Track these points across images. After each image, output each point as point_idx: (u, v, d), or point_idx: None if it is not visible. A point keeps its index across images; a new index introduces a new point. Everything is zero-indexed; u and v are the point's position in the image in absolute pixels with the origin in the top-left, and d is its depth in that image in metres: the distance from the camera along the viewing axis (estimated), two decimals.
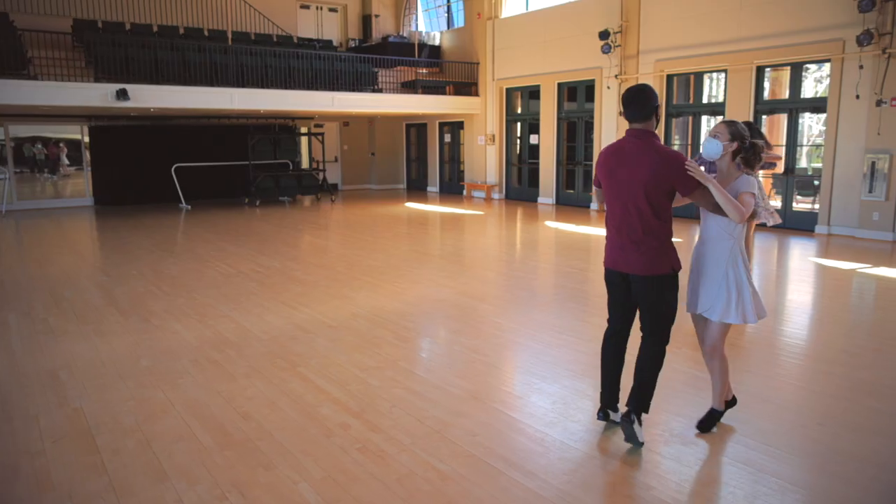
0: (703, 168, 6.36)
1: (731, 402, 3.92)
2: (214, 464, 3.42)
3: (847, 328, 5.94)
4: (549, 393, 4.33)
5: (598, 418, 3.85)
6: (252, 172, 16.37)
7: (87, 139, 16.37)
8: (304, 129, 18.80)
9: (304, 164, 19.64)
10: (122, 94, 12.46)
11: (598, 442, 3.65)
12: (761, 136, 7.25)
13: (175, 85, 13.54)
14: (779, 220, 6.96)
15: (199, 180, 16.65)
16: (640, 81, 13.62)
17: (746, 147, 3.58)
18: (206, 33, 16.50)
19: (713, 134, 3.59)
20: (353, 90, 16.30)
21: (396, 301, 6.78)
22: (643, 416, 3.64)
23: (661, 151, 3.47)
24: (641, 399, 3.63)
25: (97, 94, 12.46)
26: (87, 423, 3.91)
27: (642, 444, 3.56)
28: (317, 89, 15.57)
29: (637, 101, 3.48)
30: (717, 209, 3.46)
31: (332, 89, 15.83)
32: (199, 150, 16.87)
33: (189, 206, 15.82)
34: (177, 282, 7.76)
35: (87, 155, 16.47)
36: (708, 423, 3.77)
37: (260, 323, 6.01)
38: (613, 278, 3.68)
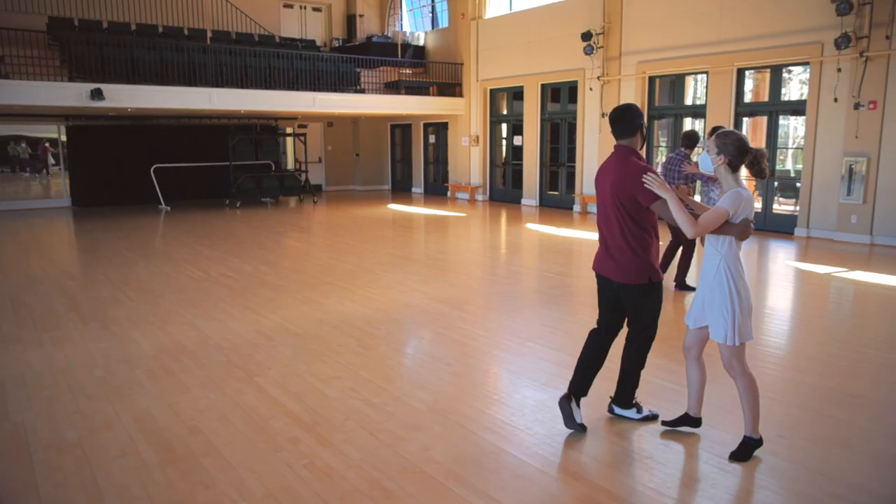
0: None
1: (696, 422, 3.82)
2: (154, 482, 3.30)
3: (819, 335, 5.87)
4: (508, 405, 4.23)
5: (560, 402, 3.81)
6: (233, 173, 16.19)
7: (64, 138, 16.14)
8: (287, 130, 18.64)
9: (290, 164, 19.49)
10: (96, 94, 12.27)
11: (553, 457, 3.54)
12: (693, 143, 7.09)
13: (152, 85, 13.36)
14: None
15: (179, 181, 16.48)
16: (622, 83, 13.62)
17: (738, 157, 3.38)
18: (185, 32, 16.30)
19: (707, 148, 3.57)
20: (336, 90, 16.16)
21: (366, 307, 6.67)
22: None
23: (627, 163, 3.62)
24: (624, 395, 3.93)
25: (71, 94, 12.27)
26: (26, 438, 3.76)
27: (649, 417, 3.92)
28: (298, 89, 15.42)
29: (622, 119, 3.66)
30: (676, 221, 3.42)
31: (314, 90, 15.68)
32: (179, 151, 16.68)
33: (168, 208, 15.64)
34: (144, 287, 7.61)
35: (64, 155, 16.25)
36: (740, 454, 3.47)
37: (222, 330, 5.88)
38: (601, 281, 3.89)
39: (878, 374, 4.74)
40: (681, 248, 7.13)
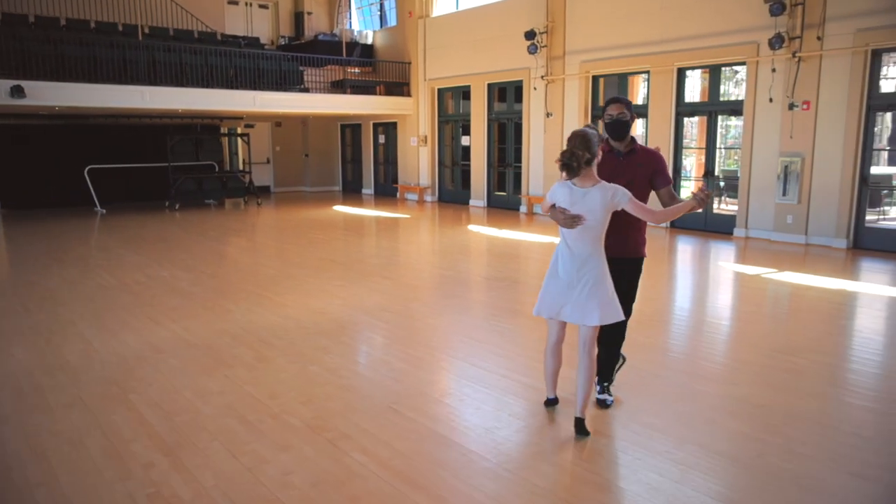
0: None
1: (552, 401, 4.08)
2: None
3: (733, 339, 5.76)
4: (393, 422, 3.96)
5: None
6: (172, 175, 15.65)
7: None
8: (226, 130, 18.14)
9: (241, 165, 18.98)
10: (17, 91, 11.70)
11: (422, 479, 3.29)
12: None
13: (79, 82, 12.80)
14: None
15: (119, 183, 15.94)
16: (566, 82, 13.50)
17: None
18: (120, 28, 15.71)
19: None
20: (279, 89, 15.74)
21: (276, 315, 6.35)
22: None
23: None
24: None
25: None
26: None
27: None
28: (239, 88, 14.97)
29: None
30: None
31: (256, 88, 15.25)
32: (119, 151, 16.09)
33: (104, 211, 15.06)
34: (47, 295, 7.17)
35: None
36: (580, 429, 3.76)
37: (113, 342, 5.51)
38: None
39: (785, 381, 4.60)
40: None
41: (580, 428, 3.70)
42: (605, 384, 4.18)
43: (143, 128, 16.73)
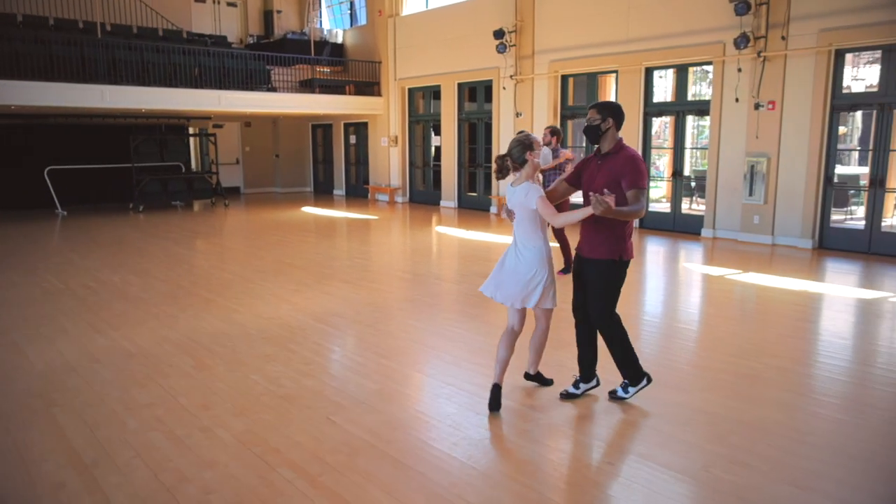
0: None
1: (494, 394, 4.05)
2: None
3: (691, 343, 5.65)
4: (327, 435, 3.77)
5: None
6: (136, 175, 15.28)
7: None
8: (196, 130, 17.79)
9: (210, 166, 18.64)
10: None
11: (344, 499, 3.11)
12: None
13: (36, 80, 12.43)
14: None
15: (81, 184, 15.55)
16: (535, 82, 13.39)
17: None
18: (80, 25, 15.31)
19: None
20: (245, 89, 15.45)
21: (222, 321, 6.12)
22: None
23: None
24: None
25: None
26: None
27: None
28: (204, 87, 14.65)
29: None
30: None
31: (222, 88, 14.94)
32: (81, 152, 15.65)
33: (65, 212, 14.67)
34: None
35: None
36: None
37: (46, 352, 5.25)
38: None
39: (738, 387, 4.48)
40: None
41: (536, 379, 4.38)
42: (625, 382, 4.22)
43: (105, 127, 16.32)
